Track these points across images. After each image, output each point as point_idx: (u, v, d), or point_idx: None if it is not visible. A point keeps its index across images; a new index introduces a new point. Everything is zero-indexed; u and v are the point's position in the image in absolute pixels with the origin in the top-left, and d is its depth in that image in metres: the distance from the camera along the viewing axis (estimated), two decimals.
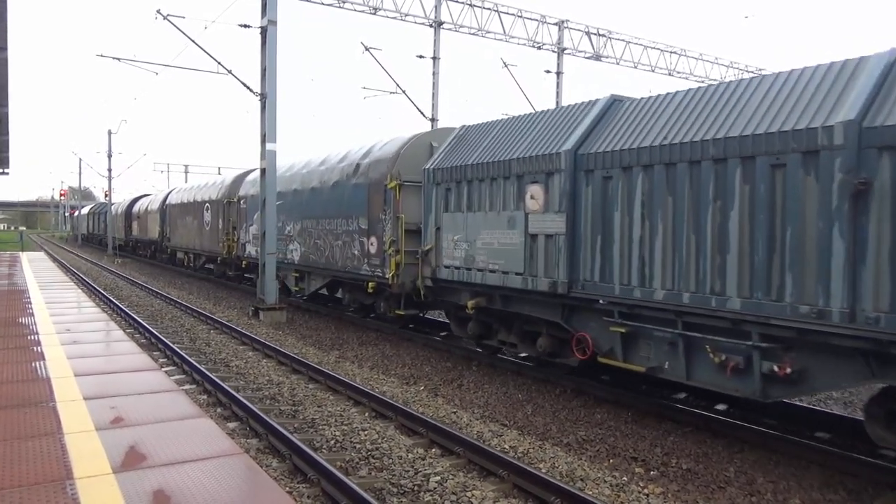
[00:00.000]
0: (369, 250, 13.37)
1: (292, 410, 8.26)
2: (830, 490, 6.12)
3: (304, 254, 16.08)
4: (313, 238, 15.70)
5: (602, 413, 8.48)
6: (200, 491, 3.55)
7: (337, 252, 14.67)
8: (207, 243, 24.65)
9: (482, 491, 5.75)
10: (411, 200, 12.44)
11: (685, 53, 31.55)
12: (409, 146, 13.01)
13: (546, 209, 8.66)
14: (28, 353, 7.09)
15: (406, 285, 12.24)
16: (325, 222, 15.18)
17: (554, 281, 8.53)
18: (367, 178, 13.61)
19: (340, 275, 14.79)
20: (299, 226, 16.38)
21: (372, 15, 23.88)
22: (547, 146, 8.80)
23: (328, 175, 15.30)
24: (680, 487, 6.22)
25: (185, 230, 27.84)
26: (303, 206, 16.22)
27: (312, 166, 16.43)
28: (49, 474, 3.75)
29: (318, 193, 15.53)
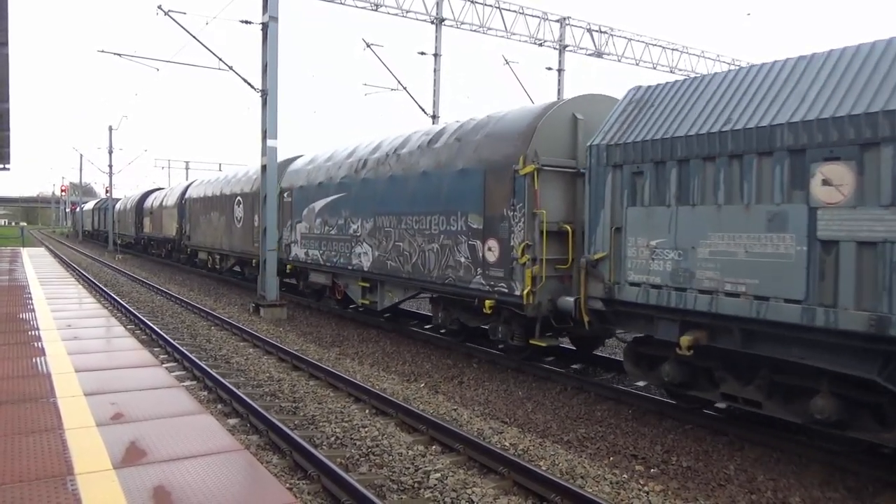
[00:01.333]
0: (485, 258, 10.07)
1: (293, 407, 8.26)
2: (830, 488, 6.12)
3: (379, 259, 12.82)
4: (393, 240, 12.43)
5: (602, 411, 8.49)
6: (201, 487, 3.55)
7: (430, 258, 11.33)
8: (238, 243, 21.38)
9: (482, 488, 5.75)
10: (552, 191, 9.46)
11: (686, 51, 31.51)
12: (548, 118, 9.61)
13: (860, 202, 5.65)
14: (29, 349, 7.10)
15: (543, 306, 9.24)
16: (410, 220, 11.91)
17: (880, 317, 5.48)
18: (480, 162, 10.29)
19: (435, 287, 11.48)
20: (370, 224, 13.13)
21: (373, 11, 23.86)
22: (864, 101, 5.73)
23: (413, 160, 12.08)
24: (680, 485, 6.22)
25: (210, 228, 24.42)
26: (376, 199, 12.94)
27: (387, 149, 13.18)
28: (50, 470, 3.76)
29: (400, 184, 12.28)
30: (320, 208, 15.10)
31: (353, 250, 13.75)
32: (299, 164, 17.25)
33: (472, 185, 10.39)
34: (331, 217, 14.62)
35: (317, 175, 15.49)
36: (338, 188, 14.32)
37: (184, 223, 28.84)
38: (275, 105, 16.34)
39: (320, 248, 15.15)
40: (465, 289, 10.55)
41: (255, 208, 19.47)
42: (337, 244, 14.37)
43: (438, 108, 25.03)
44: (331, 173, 14.81)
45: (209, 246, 24.82)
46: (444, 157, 11.22)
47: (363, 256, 13.41)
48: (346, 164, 14.32)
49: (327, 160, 15.37)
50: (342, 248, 14.19)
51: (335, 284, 15.09)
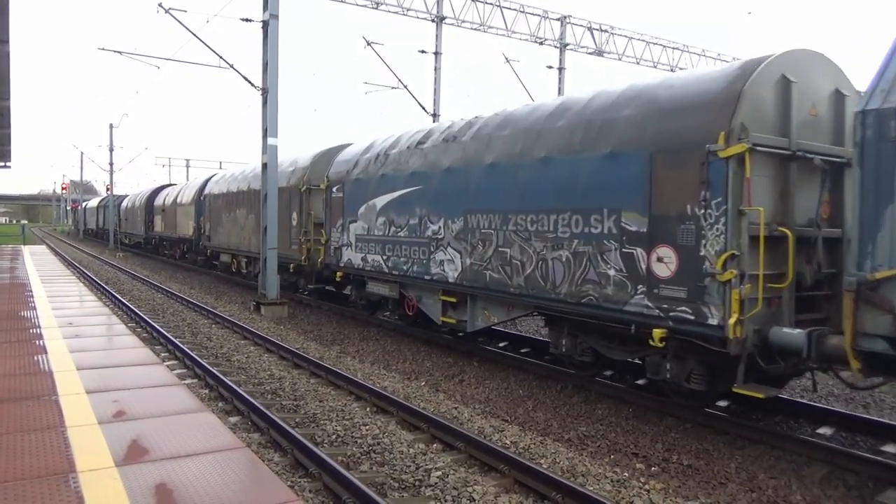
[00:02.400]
0: (651, 271, 7.56)
1: (294, 405, 8.27)
2: (831, 486, 6.13)
3: (472, 268, 10.32)
4: (494, 245, 9.91)
5: (603, 409, 8.49)
6: (202, 484, 3.55)
7: (556, 270, 8.82)
8: None
9: (483, 486, 5.76)
10: (764, 181, 7.13)
11: (688, 49, 31.47)
12: (756, 79, 7.16)
13: None
14: (30, 347, 7.10)
15: (749, 339, 6.83)
16: (523, 220, 9.40)
17: None
18: (643, 142, 7.74)
19: (562, 307, 8.84)
20: (458, 224, 10.64)
21: (374, 10, 23.84)
22: None
23: (527, 143, 9.51)
24: (681, 483, 6.22)
25: (235, 227, 21.85)
26: (468, 193, 10.48)
27: (483, 131, 10.64)
28: (52, 467, 3.76)
29: (506, 173, 9.74)
30: (384, 205, 12.62)
31: (433, 257, 11.22)
32: (351, 152, 14.69)
33: (627, 173, 7.83)
34: (399, 216, 12.12)
35: (378, 165, 13.06)
36: (409, 181, 11.86)
37: (202, 222, 26.10)
38: (275, 103, 16.33)
39: (384, 253, 12.61)
40: (616, 311, 7.96)
41: (291, 204, 17.41)
42: (408, 249, 11.89)
43: (439, 107, 25.01)
44: (398, 163, 12.40)
45: (234, 247, 22.04)
46: (579, 138, 8.65)
47: (447, 265, 10.86)
48: (419, 152, 11.86)
49: (392, 147, 12.96)
50: (415, 253, 11.71)
51: (404, 297, 12.53)
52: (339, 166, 14.79)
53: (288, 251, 17.51)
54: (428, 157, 11.59)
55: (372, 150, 13.75)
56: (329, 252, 14.97)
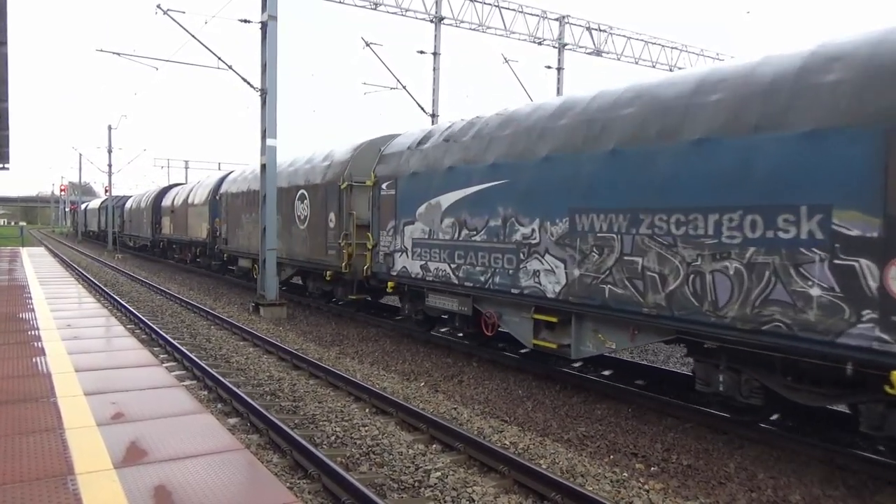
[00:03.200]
0: (890, 292, 5.59)
1: (293, 406, 8.26)
2: (831, 486, 6.13)
3: (582, 281, 8.29)
4: (617, 252, 7.84)
5: (602, 409, 8.49)
6: (201, 486, 3.55)
7: (719, 286, 6.80)
8: (302, 249, 16.69)
9: (483, 487, 5.76)
10: None
11: (686, 49, 31.49)
12: None
13: None
14: (29, 349, 7.09)
15: None
16: (663, 221, 7.33)
17: None
18: (869, 117, 5.79)
19: (728, 335, 6.76)
20: (562, 226, 8.56)
21: (373, 10, 23.84)
22: None
23: (662, 122, 7.54)
24: (680, 483, 6.22)
25: (256, 229, 19.05)
26: (577, 187, 8.41)
27: (585, 111, 8.68)
28: (50, 470, 3.75)
29: (635, 161, 7.69)
30: (452, 204, 10.64)
31: (523, 266, 9.20)
32: (405, 142, 12.68)
33: (841, 158, 5.89)
34: (474, 216, 10.15)
35: (443, 156, 11.07)
36: (489, 174, 9.87)
37: (217, 224, 23.94)
38: (274, 104, 16.33)
39: (452, 261, 10.68)
40: (823, 344, 5.96)
41: (327, 204, 15.36)
42: (486, 256, 9.89)
43: (438, 107, 25.02)
44: (472, 153, 10.37)
45: (255, 251, 19.10)
46: (755, 113, 6.63)
47: (544, 276, 8.85)
48: (502, 140, 9.82)
49: (461, 134, 10.97)
50: (497, 261, 9.69)
51: (479, 313, 10.51)
52: (390, 159, 12.68)
53: (323, 257, 15.43)
54: (516, 144, 9.52)
55: (433, 138, 11.72)
56: (377, 258, 12.93)
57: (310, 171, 16.58)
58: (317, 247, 15.76)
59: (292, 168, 17.88)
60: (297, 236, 16.97)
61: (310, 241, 16.16)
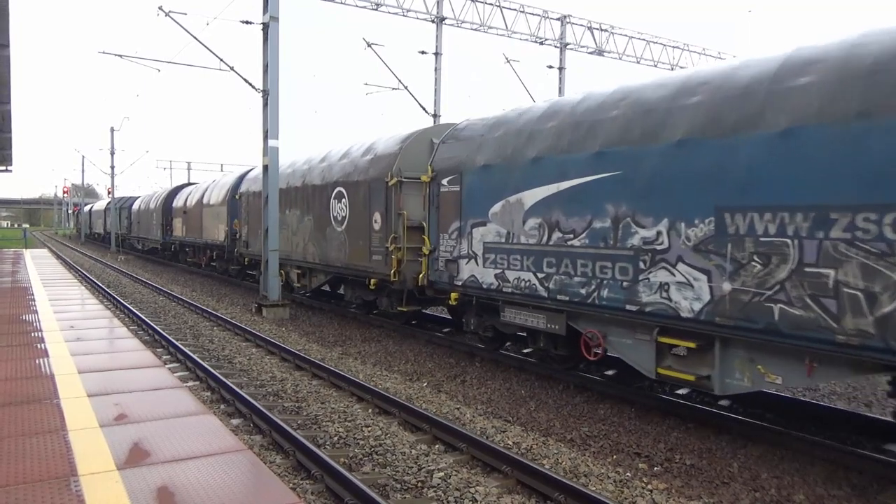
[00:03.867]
0: None
1: (296, 407, 8.27)
2: (834, 485, 6.11)
3: (735, 298, 6.61)
4: (794, 261, 6.17)
5: (605, 409, 8.48)
6: (204, 487, 3.55)
7: None
8: (339, 254, 14.78)
9: (486, 487, 5.75)
10: None
11: (688, 48, 31.46)
12: None
13: None
14: (32, 350, 7.11)
15: None
16: (872, 222, 5.66)
17: None
18: None
19: None
20: (705, 228, 6.92)
21: (374, 11, 23.86)
22: None
23: (863, 94, 5.77)
24: (684, 483, 6.21)
25: (284, 231, 17.81)
26: (725, 178, 6.72)
27: (732, 78, 7.02)
28: (53, 471, 3.76)
29: (817, 143, 6.04)
30: (540, 201, 9.00)
31: (645, 277, 7.56)
32: (471, 130, 10.98)
33: None
34: (570, 216, 8.52)
35: (524, 145, 9.39)
36: (591, 164, 8.23)
37: (237, 225, 22.15)
38: (276, 105, 16.35)
39: (539, 269, 9.03)
40: None
41: (371, 203, 13.49)
42: (588, 264, 8.27)
43: (440, 108, 25.02)
44: (564, 140, 8.75)
45: (283, 255, 17.70)
46: None
47: (677, 290, 7.17)
48: (607, 122, 8.21)
49: (547, 118, 9.27)
50: (604, 271, 8.08)
51: (574, 332, 8.83)
52: (452, 150, 11.06)
53: (366, 263, 13.60)
54: (631, 128, 7.83)
55: (510, 124, 10.02)
56: (435, 265, 11.27)
57: (348, 165, 14.77)
58: (358, 251, 13.99)
59: (325, 163, 15.99)
60: (334, 239, 15.05)
61: (349, 245, 14.39)
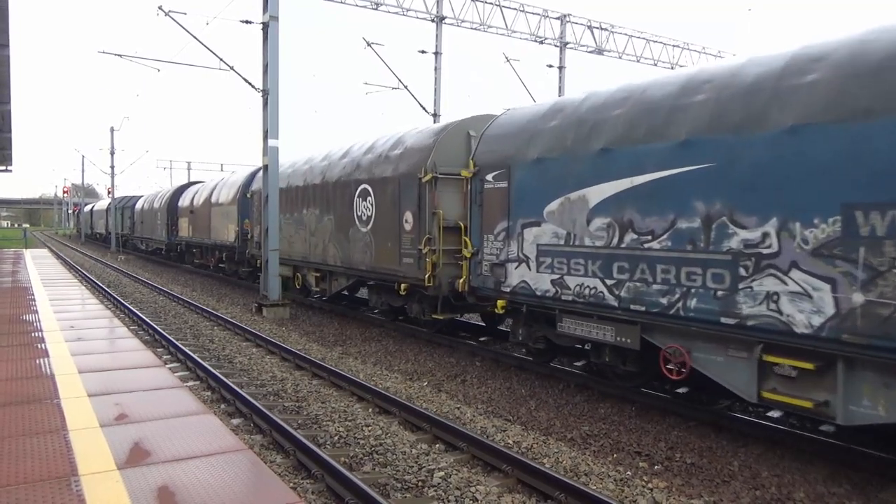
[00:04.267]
0: None
1: (296, 406, 8.27)
2: (835, 483, 6.12)
3: (869, 311, 5.64)
4: None
5: (606, 408, 8.48)
6: (205, 486, 3.55)
7: None
8: (364, 256, 13.73)
9: (486, 486, 5.76)
10: None
11: (688, 47, 31.46)
12: None
13: None
14: (32, 350, 7.11)
15: None
16: None
17: None
18: None
19: None
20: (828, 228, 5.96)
21: (374, 10, 23.86)
22: None
23: None
24: (684, 482, 6.22)
25: (299, 232, 16.99)
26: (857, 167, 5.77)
27: (871, 52, 5.88)
28: (54, 471, 3.76)
29: None
30: (608, 199, 7.98)
31: (747, 285, 6.53)
32: (519, 120, 9.83)
33: None
34: (647, 214, 7.46)
35: (588, 135, 8.37)
36: (674, 155, 7.20)
37: (248, 225, 21.23)
38: (276, 105, 16.35)
39: (608, 275, 8.00)
40: None
41: (401, 201, 12.46)
42: (669, 269, 7.22)
43: (440, 107, 25.02)
44: (640, 128, 7.69)
45: (298, 257, 17.05)
46: None
47: (791, 301, 6.19)
48: (695, 107, 7.18)
49: (616, 104, 8.24)
50: (693, 277, 6.98)
51: (649, 347, 7.79)
52: (498, 143, 9.96)
53: (395, 266, 12.63)
54: (727, 113, 6.83)
55: (568, 112, 8.92)
56: (478, 270, 10.20)
57: (373, 161, 13.65)
58: (385, 253, 12.97)
59: (347, 159, 14.88)
60: (358, 241, 13.95)
61: (375, 247, 13.31)
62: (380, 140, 14.22)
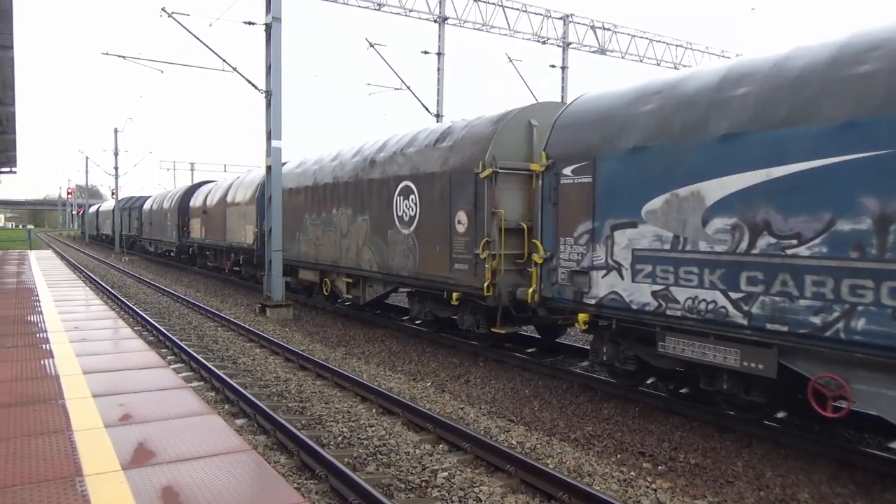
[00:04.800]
0: None
1: (300, 407, 8.28)
2: (839, 484, 6.10)
3: None
4: None
5: (609, 408, 8.47)
6: (209, 487, 3.56)
7: None
8: (406, 260, 12.36)
9: (490, 486, 5.76)
10: None
11: (691, 46, 31.41)
12: None
13: None
14: (37, 351, 7.13)
15: None
16: None
17: None
18: None
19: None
20: None
21: (376, 11, 23.88)
22: None
23: None
24: (688, 482, 6.21)
25: (327, 233, 15.55)
26: None
27: None
28: (59, 471, 3.77)
29: None
30: (732, 195, 6.66)
31: None
32: (597, 107, 8.61)
33: None
34: (792, 213, 6.16)
35: (705, 117, 7.01)
36: (830, 141, 5.90)
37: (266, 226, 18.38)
38: (279, 106, 16.37)
39: (733, 287, 6.65)
40: None
41: (453, 200, 11.08)
42: (824, 282, 5.92)
43: (442, 107, 25.03)
44: (780, 108, 6.37)
45: (327, 261, 15.46)
46: None
47: None
48: (854, 81, 5.87)
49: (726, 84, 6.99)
50: (860, 292, 5.67)
51: (788, 374, 6.45)
52: (577, 131, 8.61)
53: (445, 272, 11.26)
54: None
55: (671, 93, 7.62)
56: (552, 278, 8.84)
57: (416, 156, 12.29)
58: (432, 258, 11.63)
59: (384, 153, 13.45)
60: (398, 243, 12.60)
61: (420, 251, 11.96)
62: (422, 132, 12.86)
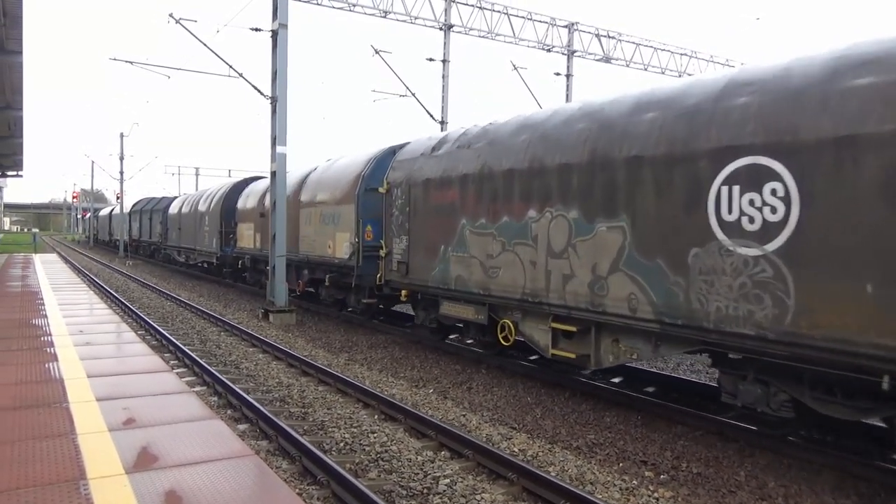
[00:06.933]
0: None
1: (302, 412, 8.29)
2: (842, 494, 6.08)
3: None
4: None
5: (611, 416, 8.46)
6: (211, 491, 3.58)
7: None
8: (761, 310, 6.16)
9: (491, 494, 5.75)
10: None
11: (696, 55, 31.45)
12: None
13: None
14: (41, 355, 7.16)
15: None
16: None
17: None
18: None
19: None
20: None
21: (382, 18, 23.97)
22: None
23: None
24: (690, 491, 6.19)
25: (504, 250, 9.54)
26: None
27: None
28: (63, 474, 3.79)
29: None
30: None
31: None
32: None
33: None
34: None
35: None
36: None
37: (368, 235, 14.00)
38: (284, 112, 16.44)
39: None
40: None
41: None
42: None
43: (447, 114, 25.10)
44: None
45: (516, 294, 9.37)
46: None
47: None
48: None
49: None
50: None
51: None
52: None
53: None
54: None
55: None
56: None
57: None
58: None
59: (681, 113, 7.23)
60: (720, 272, 6.42)
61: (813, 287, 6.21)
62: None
